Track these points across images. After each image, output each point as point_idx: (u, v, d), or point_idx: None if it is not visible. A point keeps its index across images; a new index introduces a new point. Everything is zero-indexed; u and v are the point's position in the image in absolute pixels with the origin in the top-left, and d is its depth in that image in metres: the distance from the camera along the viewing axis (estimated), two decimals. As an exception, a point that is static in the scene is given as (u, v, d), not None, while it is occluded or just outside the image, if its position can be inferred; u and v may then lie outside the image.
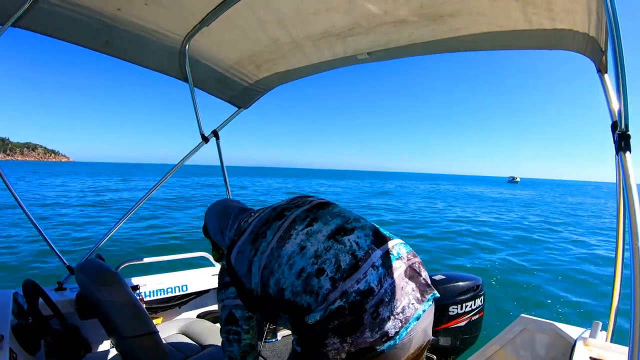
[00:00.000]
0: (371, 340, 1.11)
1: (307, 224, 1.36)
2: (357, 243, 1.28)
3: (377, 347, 1.11)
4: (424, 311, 1.22)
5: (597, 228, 17.27)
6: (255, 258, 1.35)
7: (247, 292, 1.37)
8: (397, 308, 1.16)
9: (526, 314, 2.20)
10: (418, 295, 1.23)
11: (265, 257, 1.33)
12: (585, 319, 5.72)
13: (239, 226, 1.59)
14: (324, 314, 1.13)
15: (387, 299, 1.16)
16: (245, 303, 1.41)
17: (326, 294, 1.16)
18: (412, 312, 1.19)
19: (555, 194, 54.33)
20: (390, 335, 1.12)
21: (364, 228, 1.36)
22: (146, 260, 3.09)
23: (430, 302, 1.27)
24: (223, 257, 1.55)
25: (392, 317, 1.14)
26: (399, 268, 1.26)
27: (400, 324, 1.14)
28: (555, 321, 2.09)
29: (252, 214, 1.62)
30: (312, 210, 1.45)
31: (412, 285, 1.24)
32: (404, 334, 1.15)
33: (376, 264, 1.23)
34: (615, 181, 1.61)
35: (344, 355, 1.11)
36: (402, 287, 1.21)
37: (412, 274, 1.28)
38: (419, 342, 1.24)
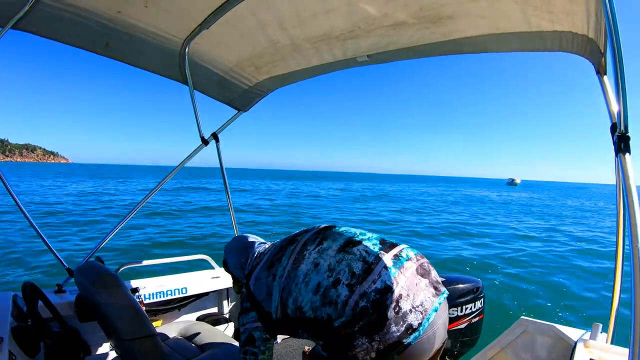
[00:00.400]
0: (398, 334, 1.16)
1: (318, 243, 1.45)
2: (366, 251, 1.35)
3: (404, 340, 1.16)
4: (440, 304, 1.28)
5: (596, 228, 17.28)
6: (275, 283, 1.44)
7: (266, 314, 1.45)
8: (416, 301, 1.22)
9: (526, 316, 2.20)
10: (432, 289, 1.30)
11: (283, 280, 1.41)
12: (585, 320, 5.72)
13: (256, 258, 1.71)
14: (349, 317, 1.19)
15: (405, 294, 1.22)
16: (264, 326, 1.49)
17: (345, 300, 1.23)
18: (429, 304, 1.25)
19: (553, 196, 54.40)
20: (414, 327, 1.18)
21: (371, 239, 1.44)
22: (146, 262, 3.09)
23: (444, 296, 1.33)
24: (242, 288, 1.66)
25: (413, 310, 1.20)
26: (410, 268, 1.32)
27: (421, 316, 1.21)
28: (556, 323, 2.09)
29: (268, 245, 1.77)
30: (321, 232, 1.54)
31: (425, 281, 1.31)
32: (426, 325, 1.20)
33: (388, 265, 1.29)
34: (614, 183, 1.62)
35: (373, 355, 1.16)
36: (417, 284, 1.28)
37: (423, 272, 1.34)
38: (441, 336, 1.30)
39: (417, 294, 1.24)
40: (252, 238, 1.91)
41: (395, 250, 1.37)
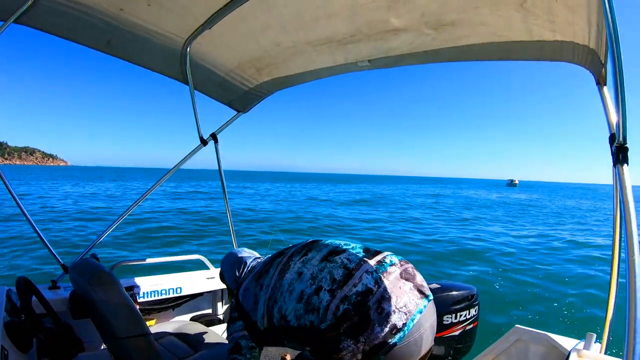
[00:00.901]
0: (382, 334, 1.17)
1: (303, 255, 1.49)
2: (348, 259, 1.38)
3: (389, 341, 1.17)
4: (425, 306, 1.29)
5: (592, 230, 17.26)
6: (262, 292, 1.48)
7: (252, 323, 1.49)
8: (399, 303, 1.23)
9: (520, 324, 2.20)
10: (417, 292, 1.31)
11: (269, 290, 1.45)
12: (579, 330, 5.71)
13: (249, 271, 1.80)
14: (332, 321, 1.21)
15: (387, 296, 1.23)
16: (251, 334, 1.53)
17: (327, 305, 1.24)
18: (414, 306, 1.26)
19: (552, 197, 54.67)
20: (398, 327, 1.19)
21: (355, 248, 1.47)
22: (141, 261, 3.08)
23: (430, 299, 1.34)
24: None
25: (396, 311, 1.21)
26: (393, 272, 1.33)
27: (405, 317, 1.21)
28: (550, 332, 2.09)
29: (260, 259, 1.89)
30: (308, 245, 1.57)
31: (409, 285, 1.32)
32: (411, 325, 1.21)
33: (370, 270, 1.31)
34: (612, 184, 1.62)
35: (359, 356, 1.18)
36: (400, 287, 1.29)
37: (407, 276, 1.35)
38: (429, 340, 1.30)
39: (400, 296, 1.25)
40: (247, 252, 1.99)
41: (378, 257, 1.40)
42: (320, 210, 23.04)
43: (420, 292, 1.32)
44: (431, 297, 1.35)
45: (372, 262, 1.35)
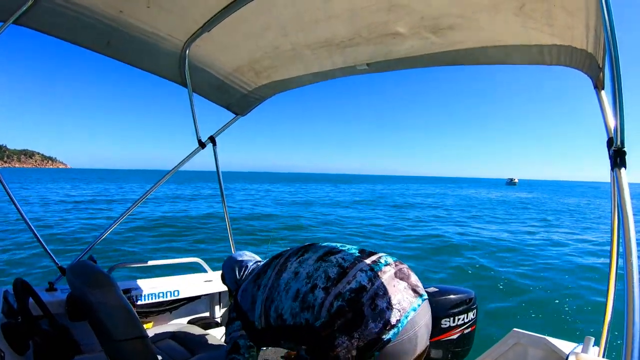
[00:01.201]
0: (376, 330, 1.18)
1: (300, 255, 1.53)
2: (343, 258, 1.41)
3: (383, 337, 1.18)
4: (419, 305, 1.30)
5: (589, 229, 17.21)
6: (259, 292, 1.52)
7: (250, 323, 1.52)
8: (393, 300, 1.25)
9: (519, 328, 2.20)
10: (410, 291, 1.32)
11: (267, 289, 1.49)
12: (578, 333, 5.70)
13: (249, 274, 1.84)
14: (326, 318, 1.23)
15: (381, 293, 1.25)
16: (248, 334, 1.56)
17: (321, 302, 1.26)
18: (407, 304, 1.27)
19: (551, 195, 54.74)
20: (392, 323, 1.20)
21: (350, 249, 1.50)
22: (139, 263, 3.07)
23: (424, 298, 1.36)
24: None
25: (390, 308, 1.22)
26: (388, 272, 1.35)
27: (399, 313, 1.23)
28: (548, 335, 2.09)
29: (260, 262, 1.92)
30: (305, 246, 1.61)
31: (403, 284, 1.33)
32: (405, 322, 1.22)
33: (364, 268, 1.33)
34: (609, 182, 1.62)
35: (354, 352, 1.19)
36: (394, 285, 1.30)
37: (402, 275, 1.37)
38: (424, 339, 1.31)
39: (394, 294, 1.26)
40: (248, 256, 2.03)
41: (373, 257, 1.42)
42: (321, 210, 23.07)
43: (415, 291, 1.33)
44: (425, 297, 1.36)
45: (367, 261, 1.37)
